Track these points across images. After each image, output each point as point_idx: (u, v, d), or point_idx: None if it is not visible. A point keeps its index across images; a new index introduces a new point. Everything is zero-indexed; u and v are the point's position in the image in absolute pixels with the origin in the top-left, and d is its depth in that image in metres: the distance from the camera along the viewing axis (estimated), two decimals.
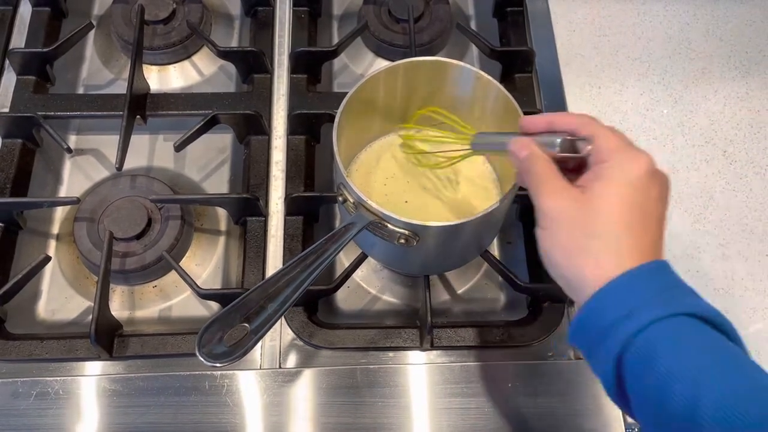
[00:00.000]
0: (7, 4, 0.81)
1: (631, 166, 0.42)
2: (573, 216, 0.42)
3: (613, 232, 0.41)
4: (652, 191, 0.42)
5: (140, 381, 0.61)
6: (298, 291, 0.47)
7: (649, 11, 0.85)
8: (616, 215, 0.41)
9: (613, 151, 0.43)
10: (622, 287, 0.40)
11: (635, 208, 0.41)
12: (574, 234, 0.42)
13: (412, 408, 0.60)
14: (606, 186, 0.42)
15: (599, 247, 0.41)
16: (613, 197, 0.41)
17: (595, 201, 0.42)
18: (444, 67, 0.60)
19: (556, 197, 0.43)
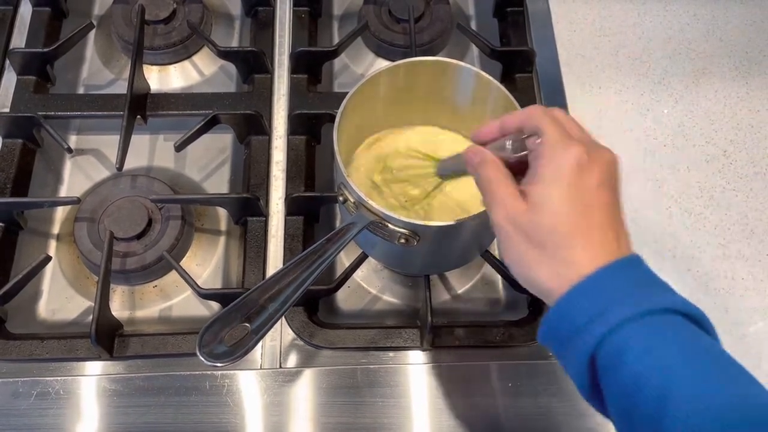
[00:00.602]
0: (7, 4, 0.81)
1: (561, 161, 0.41)
2: (519, 227, 0.41)
3: (559, 238, 0.40)
4: (588, 181, 0.40)
5: (140, 381, 0.61)
6: (298, 291, 0.47)
7: (649, 11, 0.85)
8: (557, 219, 0.40)
9: (547, 146, 0.42)
10: (589, 289, 0.39)
11: (575, 206, 0.40)
12: (524, 246, 0.41)
13: (413, 408, 0.60)
14: (541, 188, 0.41)
15: (551, 256, 0.40)
16: (549, 199, 0.40)
17: (536, 207, 0.41)
18: (444, 67, 0.60)
19: (501, 208, 0.42)
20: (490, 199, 0.44)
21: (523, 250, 0.41)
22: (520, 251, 0.41)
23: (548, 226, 0.40)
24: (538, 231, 0.40)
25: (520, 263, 0.42)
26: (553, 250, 0.40)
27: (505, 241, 0.42)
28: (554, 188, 0.40)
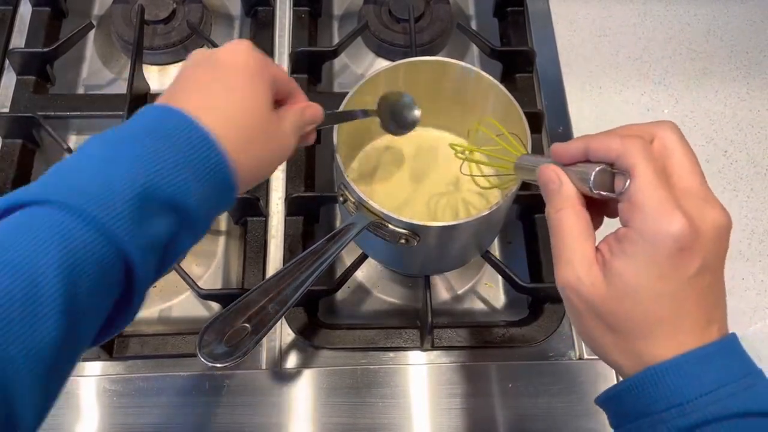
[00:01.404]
0: (7, 4, 0.81)
1: (656, 241, 0.33)
2: (589, 304, 0.35)
3: (638, 329, 0.34)
4: (686, 270, 0.33)
5: (140, 381, 0.61)
6: (298, 291, 0.47)
7: (649, 11, 0.84)
8: (639, 309, 0.34)
9: (641, 207, 0.33)
10: (670, 374, 0.33)
11: (663, 297, 0.34)
12: (592, 323, 0.36)
13: (413, 408, 0.60)
14: (626, 270, 0.34)
15: (625, 340, 0.35)
16: (634, 288, 0.34)
17: (614, 291, 0.34)
18: (445, 67, 0.60)
19: (571, 272, 0.36)
20: (558, 252, 0.37)
21: (591, 326, 0.36)
22: (588, 326, 0.36)
23: (626, 315, 0.34)
24: (612, 316, 0.35)
25: (585, 335, 0.37)
26: (629, 338, 0.35)
27: (570, 309, 0.37)
28: (642, 276, 0.34)
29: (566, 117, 0.76)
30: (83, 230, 0.32)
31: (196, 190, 0.37)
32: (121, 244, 0.33)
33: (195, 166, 0.37)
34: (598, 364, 0.62)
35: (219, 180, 0.38)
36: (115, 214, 0.33)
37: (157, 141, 0.36)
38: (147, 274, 0.35)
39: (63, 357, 0.32)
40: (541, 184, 0.39)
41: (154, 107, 0.39)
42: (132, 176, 0.34)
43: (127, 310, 0.36)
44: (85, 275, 0.32)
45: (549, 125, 0.75)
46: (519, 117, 0.55)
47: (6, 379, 0.29)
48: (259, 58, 0.43)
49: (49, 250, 0.31)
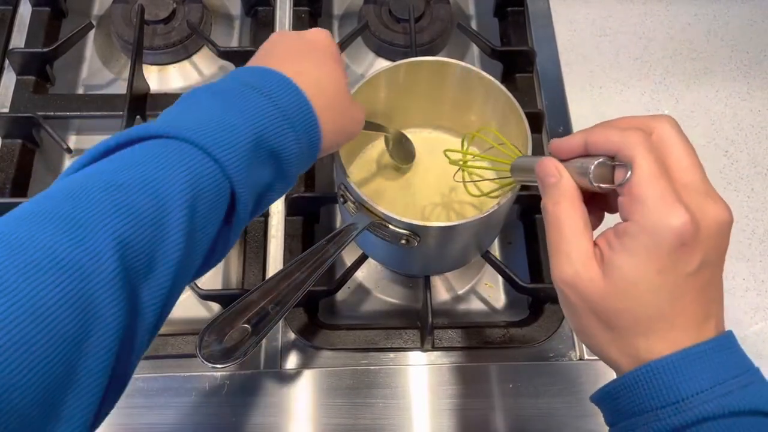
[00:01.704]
0: (7, 3, 0.80)
1: (657, 234, 0.32)
2: (586, 300, 0.35)
3: (635, 325, 0.34)
4: (687, 266, 0.33)
5: (140, 382, 0.60)
6: (298, 292, 0.47)
7: (650, 11, 0.84)
8: (637, 305, 0.34)
9: (643, 200, 0.33)
10: (665, 371, 0.33)
11: (663, 293, 0.33)
12: (588, 320, 0.35)
13: (413, 409, 0.60)
14: (626, 259, 0.33)
15: (622, 337, 0.35)
16: (633, 283, 0.33)
17: (613, 286, 0.34)
18: (445, 67, 0.60)
19: (567, 267, 0.35)
20: (555, 247, 0.36)
21: (587, 322, 0.36)
22: (584, 323, 0.36)
23: (624, 311, 0.34)
24: (610, 313, 0.34)
25: (581, 332, 0.37)
26: (626, 335, 0.34)
27: (566, 306, 0.37)
28: (642, 271, 0.33)
29: (566, 117, 0.76)
30: (207, 164, 0.36)
31: (294, 146, 0.40)
32: (234, 183, 0.37)
33: (295, 124, 0.40)
34: (598, 364, 0.62)
35: (311, 139, 0.42)
36: (233, 155, 0.36)
37: (261, 97, 0.39)
38: (245, 215, 0.39)
39: (180, 277, 0.35)
40: (539, 177, 0.38)
41: (250, 67, 0.43)
42: (246, 125, 0.38)
43: (222, 247, 0.40)
44: (203, 205, 0.35)
45: (549, 125, 0.75)
46: (519, 117, 0.55)
47: (132, 289, 0.32)
48: (336, 46, 0.48)
49: (177, 176, 0.34)
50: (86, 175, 0.34)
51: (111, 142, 0.36)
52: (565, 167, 0.37)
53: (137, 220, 0.32)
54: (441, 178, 0.64)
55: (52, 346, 0.28)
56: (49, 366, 0.28)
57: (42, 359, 0.27)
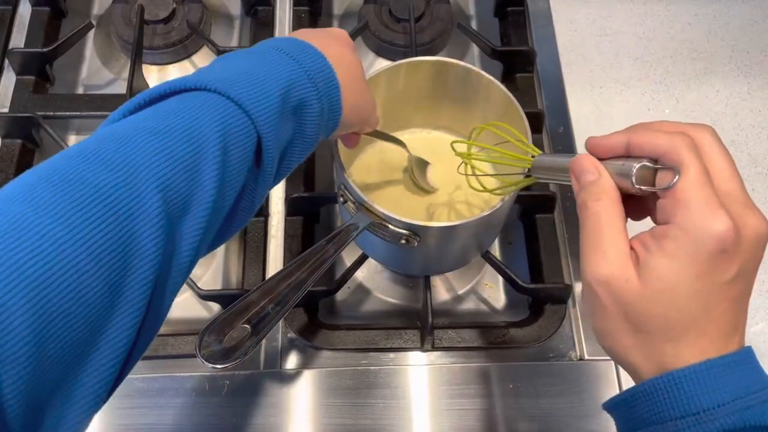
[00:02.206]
0: (6, 3, 0.80)
1: (700, 240, 0.32)
2: (618, 301, 0.34)
3: (667, 330, 0.34)
4: (725, 274, 0.33)
5: (140, 382, 0.60)
6: (298, 292, 0.47)
7: (650, 11, 0.84)
8: (671, 310, 0.33)
9: (687, 203, 0.33)
10: (687, 381, 0.33)
11: (698, 299, 0.33)
12: (617, 323, 0.35)
13: (413, 409, 0.60)
14: (665, 262, 0.33)
15: (649, 342, 0.34)
16: (670, 286, 0.33)
17: (649, 289, 0.33)
18: (445, 66, 0.59)
19: (603, 266, 0.34)
20: (593, 245, 0.35)
21: (615, 324, 0.35)
22: (611, 324, 0.35)
23: (658, 316, 0.33)
24: (642, 316, 0.34)
25: (605, 333, 0.36)
26: (655, 340, 0.34)
27: (594, 305, 0.36)
28: (681, 275, 0.33)
29: (567, 117, 0.76)
30: (238, 115, 0.37)
31: (317, 104, 0.42)
32: (262, 133, 0.38)
33: (318, 84, 0.42)
34: (599, 364, 0.62)
35: (332, 103, 0.44)
36: (262, 106, 0.38)
37: (287, 58, 0.42)
38: (271, 169, 0.40)
39: (212, 222, 0.37)
40: (575, 174, 0.37)
41: (278, 38, 0.46)
42: (273, 79, 0.40)
43: (248, 203, 0.41)
44: (234, 153, 0.37)
45: (549, 125, 0.75)
46: (519, 117, 0.55)
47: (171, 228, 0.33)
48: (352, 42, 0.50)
49: (211, 125, 0.36)
50: (128, 122, 0.36)
51: (148, 94, 0.38)
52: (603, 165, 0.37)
53: (176, 164, 0.34)
54: (441, 178, 0.64)
55: (100, 275, 0.30)
56: (95, 292, 0.30)
57: (90, 285, 0.29)
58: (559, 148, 0.73)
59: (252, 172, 0.40)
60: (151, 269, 0.32)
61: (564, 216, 0.69)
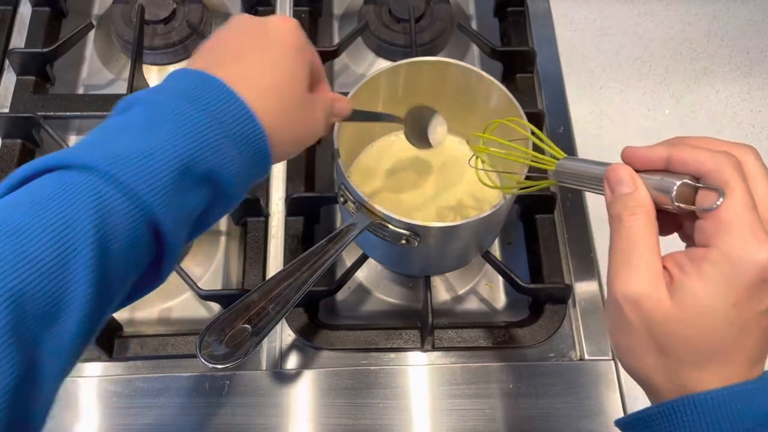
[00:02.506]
0: (7, 4, 0.81)
1: (741, 269, 0.31)
2: (648, 322, 0.33)
3: (694, 356, 0.33)
4: (760, 303, 0.32)
5: (140, 382, 0.60)
6: (299, 292, 0.47)
7: (650, 11, 0.84)
8: (702, 336, 0.32)
9: (730, 227, 0.32)
10: (707, 405, 0.32)
11: (731, 327, 0.32)
12: (643, 343, 0.34)
13: (413, 409, 0.60)
14: (702, 286, 0.32)
15: (674, 365, 0.33)
16: (704, 311, 0.32)
17: (682, 312, 0.32)
18: (445, 67, 0.60)
19: (635, 284, 0.33)
20: (625, 260, 0.34)
21: (639, 343, 0.34)
22: (635, 343, 0.34)
23: (687, 339, 0.33)
24: (671, 337, 0.33)
25: (627, 351, 0.35)
26: (680, 363, 0.33)
27: (618, 322, 0.35)
28: (718, 300, 0.32)
29: (567, 117, 0.76)
30: (119, 199, 0.33)
31: (234, 164, 0.37)
32: (156, 217, 0.34)
33: (235, 140, 0.37)
34: (599, 364, 0.62)
35: (256, 153, 0.39)
36: (152, 185, 0.33)
37: (198, 113, 0.36)
38: (177, 244, 0.36)
39: (93, 320, 0.33)
40: (610, 184, 0.36)
41: (193, 73, 0.39)
42: (173, 149, 0.34)
43: (154, 277, 0.37)
44: (117, 244, 0.33)
45: (549, 125, 0.75)
46: (520, 117, 0.55)
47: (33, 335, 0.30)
48: (304, 39, 0.43)
49: (86, 215, 0.31)
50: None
51: (19, 175, 0.34)
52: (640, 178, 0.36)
53: (35, 270, 0.30)
54: (441, 178, 0.64)
55: None
56: None
57: None
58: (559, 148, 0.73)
59: (151, 254, 0.36)
60: (3, 391, 0.28)
61: (564, 216, 0.69)
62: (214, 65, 0.39)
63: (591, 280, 0.66)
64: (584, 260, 0.67)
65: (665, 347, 0.33)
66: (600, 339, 0.63)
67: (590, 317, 0.64)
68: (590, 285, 0.66)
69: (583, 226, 0.69)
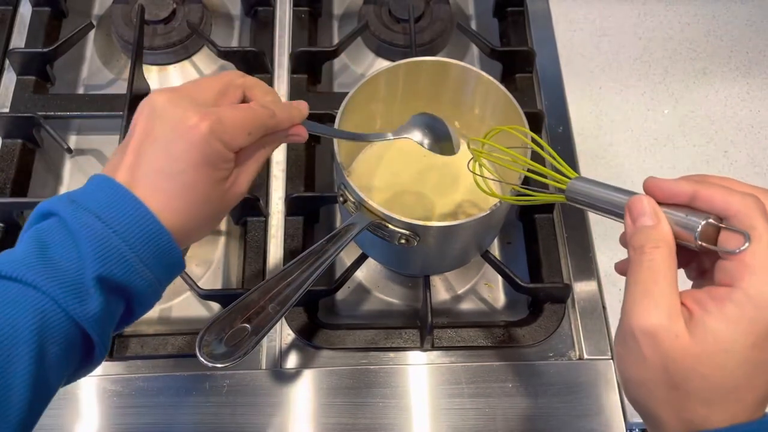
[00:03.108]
0: (7, 4, 0.81)
1: (765, 306, 0.32)
2: (665, 353, 0.33)
3: (706, 393, 0.33)
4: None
5: (140, 381, 0.61)
6: (298, 291, 0.47)
7: (649, 11, 0.84)
8: (717, 375, 0.33)
9: (755, 271, 0.32)
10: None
11: (746, 367, 0.33)
12: (657, 375, 0.34)
13: (413, 409, 0.60)
14: (724, 326, 0.32)
15: (683, 400, 0.34)
16: (723, 351, 0.32)
17: (699, 344, 0.33)
18: (445, 67, 0.60)
19: (653, 317, 0.33)
20: (646, 292, 0.34)
21: (651, 376, 0.34)
22: (646, 375, 0.34)
23: (703, 376, 0.33)
24: (686, 373, 0.33)
25: (638, 387, 0.35)
26: (690, 399, 0.33)
27: (632, 354, 0.35)
28: (738, 342, 0.32)
29: (566, 117, 0.76)
30: (54, 311, 0.36)
31: (146, 274, 0.39)
32: (84, 324, 0.37)
33: (143, 253, 0.39)
34: (598, 364, 0.62)
35: (168, 261, 0.40)
36: (77, 297, 0.37)
37: (109, 228, 0.38)
38: (105, 341, 0.39)
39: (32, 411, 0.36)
40: (633, 215, 0.37)
41: (109, 186, 0.40)
42: (92, 268, 0.37)
43: (87, 367, 0.41)
44: (54, 347, 0.36)
45: (549, 125, 0.75)
46: (519, 117, 0.55)
47: None
48: (203, 130, 0.40)
49: (25, 326, 0.35)
50: None
51: None
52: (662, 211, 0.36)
53: None
54: (441, 178, 0.64)
55: None
56: None
57: None
58: (558, 148, 0.73)
59: (82, 351, 0.39)
60: None
61: (563, 216, 0.69)
62: (127, 172, 0.40)
63: (590, 279, 0.66)
64: (583, 260, 0.67)
65: (678, 382, 0.33)
66: (599, 338, 0.63)
67: (589, 317, 0.64)
68: (589, 284, 0.66)
69: (583, 226, 0.69)
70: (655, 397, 0.35)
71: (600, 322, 0.64)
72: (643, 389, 0.35)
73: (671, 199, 0.36)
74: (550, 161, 0.46)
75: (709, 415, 0.33)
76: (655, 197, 0.37)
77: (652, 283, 0.34)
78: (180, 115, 0.40)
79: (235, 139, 0.42)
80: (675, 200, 0.36)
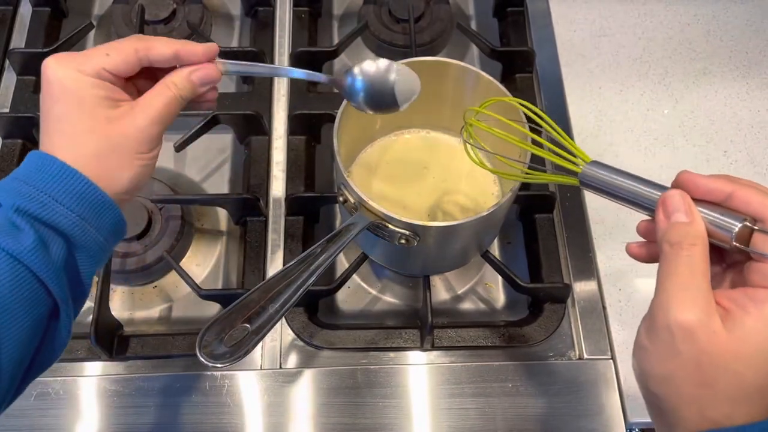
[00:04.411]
0: (7, 4, 0.81)
1: None
2: (702, 349, 0.33)
3: (734, 391, 0.33)
4: None
5: (140, 381, 0.61)
6: (298, 291, 0.47)
7: (649, 11, 0.84)
8: (748, 373, 0.33)
9: None
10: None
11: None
12: (688, 371, 0.34)
13: (413, 408, 0.60)
14: (761, 327, 0.33)
15: (709, 399, 0.34)
16: (761, 345, 0.33)
17: (736, 342, 0.33)
18: (445, 67, 0.60)
19: (692, 312, 0.34)
20: (681, 287, 0.35)
21: (680, 372, 0.34)
22: (675, 371, 0.34)
23: (735, 374, 0.33)
24: (718, 370, 0.33)
25: (664, 382, 0.35)
26: (717, 396, 0.34)
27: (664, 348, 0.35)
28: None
29: (566, 117, 0.76)
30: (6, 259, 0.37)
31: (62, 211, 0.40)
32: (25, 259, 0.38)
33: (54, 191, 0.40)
34: (598, 363, 0.62)
35: (94, 201, 0.41)
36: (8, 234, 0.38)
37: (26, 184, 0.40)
38: (62, 291, 0.39)
39: None
40: (667, 211, 0.37)
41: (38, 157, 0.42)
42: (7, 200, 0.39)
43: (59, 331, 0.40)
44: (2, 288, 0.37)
45: None
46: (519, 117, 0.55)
47: None
48: (70, 78, 0.41)
49: None
50: None
51: None
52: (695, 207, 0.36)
53: None
54: (441, 178, 0.64)
55: None
56: None
57: None
58: None
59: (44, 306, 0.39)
60: None
61: (563, 216, 0.69)
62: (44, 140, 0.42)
63: (590, 279, 0.66)
64: (583, 260, 0.67)
65: (708, 378, 0.33)
66: (599, 338, 0.63)
67: (589, 316, 0.64)
68: (589, 284, 0.66)
69: (582, 226, 0.69)
70: (680, 393, 0.34)
71: (600, 322, 0.64)
72: (669, 384, 0.35)
73: (706, 195, 0.36)
74: (559, 140, 0.44)
75: (733, 412, 0.33)
76: (689, 192, 0.37)
77: (690, 279, 0.34)
78: (54, 63, 0.41)
79: (101, 63, 0.42)
80: (710, 197, 0.36)
